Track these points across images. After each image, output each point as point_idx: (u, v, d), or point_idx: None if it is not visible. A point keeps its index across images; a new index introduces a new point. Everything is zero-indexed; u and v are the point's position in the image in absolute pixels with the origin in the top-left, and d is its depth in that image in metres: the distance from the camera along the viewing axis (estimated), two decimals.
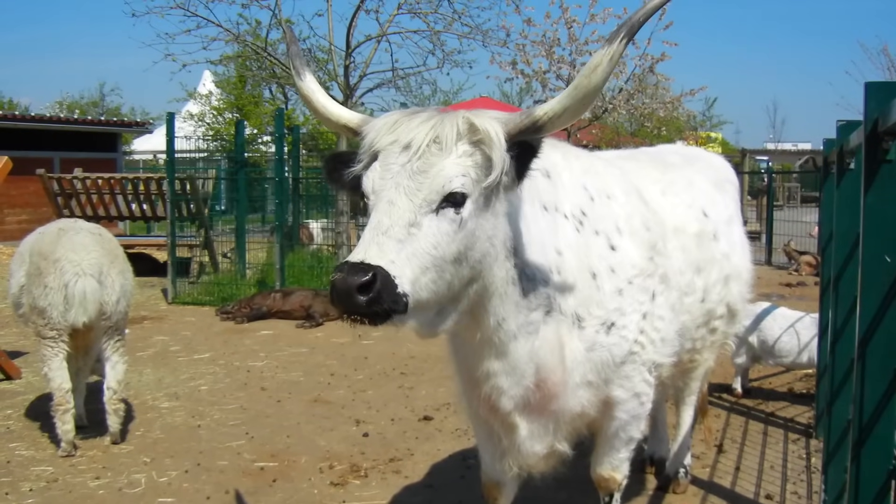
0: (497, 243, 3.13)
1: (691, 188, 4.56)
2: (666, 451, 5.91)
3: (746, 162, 33.83)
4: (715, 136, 58.48)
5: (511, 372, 3.38)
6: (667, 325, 3.79)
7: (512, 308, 3.26)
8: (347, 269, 2.74)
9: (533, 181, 3.22)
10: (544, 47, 21.03)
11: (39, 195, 17.70)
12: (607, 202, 3.65)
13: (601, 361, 3.54)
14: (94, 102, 56.34)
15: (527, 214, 3.30)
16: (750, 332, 7.92)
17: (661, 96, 23.42)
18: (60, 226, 6.86)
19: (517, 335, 3.31)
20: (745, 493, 5.69)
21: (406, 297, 2.81)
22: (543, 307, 3.36)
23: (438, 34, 20.82)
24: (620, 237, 3.61)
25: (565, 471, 3.98)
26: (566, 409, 3.57)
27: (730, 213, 4.85)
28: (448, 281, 2.97)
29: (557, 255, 3.39)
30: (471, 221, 2.96)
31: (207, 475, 6.12)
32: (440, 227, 2.90)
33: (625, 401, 3.74)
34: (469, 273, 3.05)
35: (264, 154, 31.02)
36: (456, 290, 3.05)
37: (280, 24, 20.67)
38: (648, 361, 3.72)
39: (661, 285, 3.76)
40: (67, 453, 6.48)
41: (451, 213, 2.92)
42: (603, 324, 3.50)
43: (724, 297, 4.57)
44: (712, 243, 4.46)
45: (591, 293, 3.47)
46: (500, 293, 3.21)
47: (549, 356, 3.40)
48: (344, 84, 20.09)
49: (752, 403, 7.86)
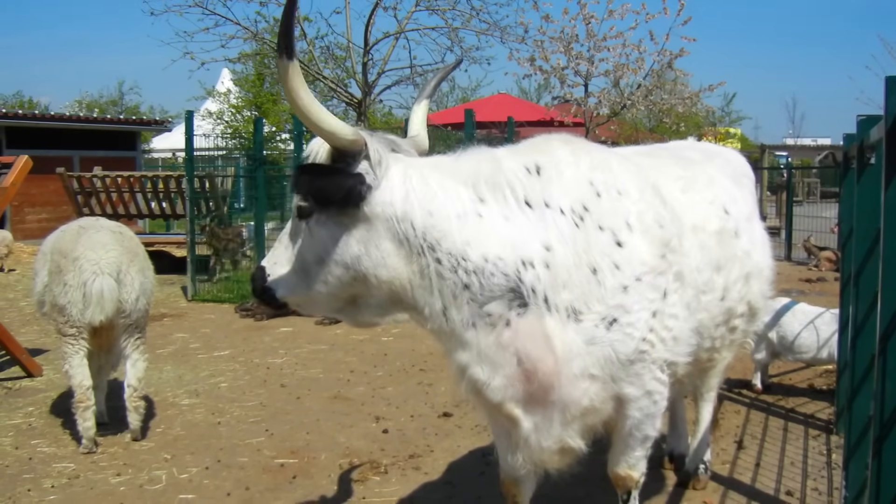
0: (378, 246, 3.42)
1: (713, 185, 4.51)
2: (685, 447, 5.90)
3: (766, 157, 33.63)
4: (734, 132, 58.23)
5: (482, 361, 3.47)
6: (680, 324, 3.74)
7: (451, 299, 3.44)
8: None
9: (506, 178, 3.49)
10: (562, 43, 20.99)
11: (59, 194, 17.81)
12: (618, 198, 3.62)
13: (603, 356, 3.51)
14: (113, 101, 56.58)
15: (467, 213, 3.42)
16: (770, 328, 7.89)
17: (680, 92, 23.32)
18: (81, 224, 6.89)
19: (473, 325, 3.44)
20: (766, 489, 5.67)
21: (272, 289, 3.64)
22: (505, 299, 3.39)
23: (456, 31, 20.82)
24: (630, 233, 3.57)
25: (583, 468, 3.97)
26: (570, 402, 3.54)
27: (750, 210, 4.78)
28: (321, 279, 3.52)
29: (545, 250, 3.40)
30: (321, 229, 3.46)
31: (228, 472, 6.15)
32: (302, 236, 3.55)
33: (637, 398, 3.69)
34: (347, 273, 3.48)
35: (283, 152, 31.08)
36: (340, 286, 3.53)
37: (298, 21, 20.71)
38: (660, 360, 3.68)
39: (676, 283, 3.71)
40: (89, 450, 6.51)
41: (303, 224, 3.52)
42: (603, 319, 3.47)
43: (745, 296, 4.50)
44: (733, 241, 4.40)
45: (591, 288, 3.45)
46: (421, 286, 3.46)
47: (531, 346, 3.41)
48: (362, 81, 20.11)
49: (772, 399, 7.83)
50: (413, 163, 3.55)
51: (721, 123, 56.01)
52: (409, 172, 3.45)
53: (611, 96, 21.52)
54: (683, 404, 5.99)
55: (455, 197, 3.44)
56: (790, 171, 23.93)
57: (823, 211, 22.70)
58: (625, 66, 21.11)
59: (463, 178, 3.51)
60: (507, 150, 3.74)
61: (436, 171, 3.52)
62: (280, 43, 3.13)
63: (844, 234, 6.63)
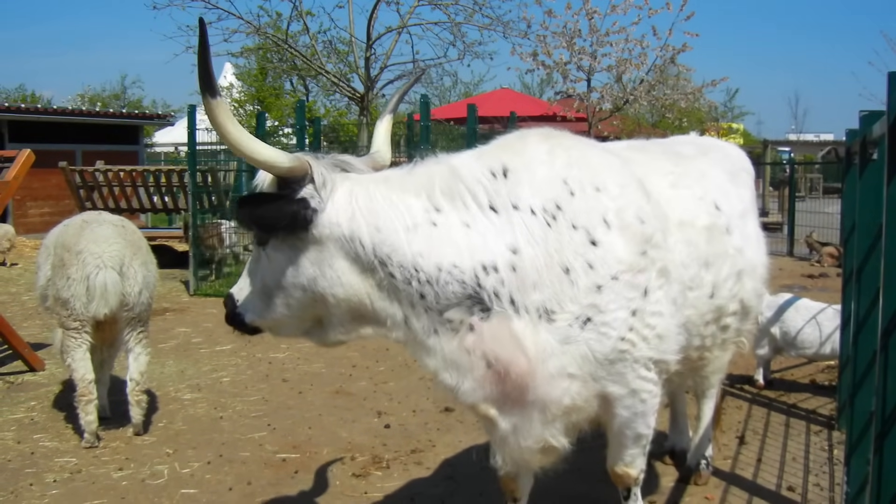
0: (332, 266, 3.45)
1: (704, 180, 4.45)
2: (686, 442, 5.91)
3: (768, 153, 33.66)
4: (736, 127, 58.18)
5: (448, 367, 3.50)
6: (665, 321, 3.67)
7: (409, 309, 3.47)
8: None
9: (466, 186, 3.48)
10: (565, 38, 21.03)
11: (62, 188, 17.83)
12: (595, 195, 3.56)
13: (580, 355, 3.47)
14: (115, 95, 56.60)
15: (418, 224, 3.41)
16: (772, 324, 7.90)
17: (683, 87, 23.38)
18: (84, 218, 6.90)
19: (435, 331, 3.46)
20: (767, 484, 5.67)
21: (241, 315, 3.76)
22: (464, 305, 3.39)
23: (459, 25, 20.86)
24: (607, 231, 3.51)
25: (586, 463, 3.98)
26: (550, 401, 3.51)
27: (745, 206, 4.72)
28: (283, 303, 3.59)
29: (511, 253, 3.38)
30: (277, 254, 3.51)
31: (230, 466, 6.15)
32: (262, 262, 3.60)
33: (622, 397, 3.66)
34: (306, 295, 3.53)
35: (285, 146, 31.08)
36: (301, 308, 3.59)
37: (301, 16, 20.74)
38: (643, 358, 3.62)
39: (660, 280, 3.65)
40: (91, 444, 6.52)
41: (261, 251, 3.59)
42: (577, 318, 3.43)
43: (737, 294, 4.44)
44: (724, 237, 4.32)
45: (564, 288, 3.41)
46: (380, 299, 3.49)
47: (498, 348, 3.40)
48: (365, 76, 20.14)
49: (774, 395, 7.83)
50: (361, 180, 3.54)
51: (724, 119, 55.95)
52: (355, 191, 3.45)
53: (613, 91, 21.55)
54: (684, 399, 5.99)
55: (403, 209, 3.43)
56: (793, 166, 23.86)
57: (826, 206, 22.70)
58: (627, 61, 21.14)
59: (414, 188, 3.50)
60: (473, 154, 3.72)
61: (383, 185, 3.51)
62: (202, 83, 3.16)
63: (847, 229, 6.62)
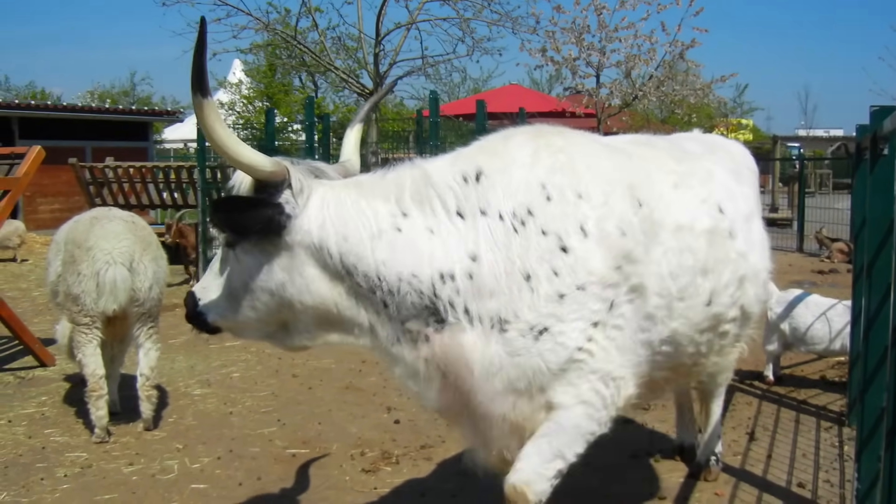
0: (302, 273, 3.42)
1: (709, 181, 4.26)
2: (693, 438, 5.90)
3: (778, 149, 33.58)
4: (746, 123, 58.07)
5: (410, 375, 3.50)
6: (624, 336, 3.53)
7: (374, 317, 3.46)
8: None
9: (436, 191, 3.44)
10: (574, 34, 21.03)
11: (71, 184, 17.84)
12: (575, 202, 3.44)
13: (532, 368, 3.36)
14: (125, 92, 56.77)
15: (383, 230, 3.38)
16: (782, 320, 7.88)
17: (692, 83, 23.34)
18: (94, 214, 6.92)
19: (398, 340, 3.45)
20: (777, 480, 5.66)
21: (203, 314, 3.68)
22: (421, 316, 3.37)
23: (468, 21, 20.85)
24: (583, 240, 3.39)
25: (597, 458, 3.96)
26: (496, 417, 3.45)
27: (750, 208, 4.59)
28: (249, 305, 3.54)
29: (470, 260, 3.32)
30: (247, 257, 3.47)
31: (240, 462, 6.17)
32: (230, 263, 3.56)
33: (568, 406, 3.47)
34: (273, 300, 3.50)
35: (294, 142, 31.08)
36: (268, 312, 3.55)
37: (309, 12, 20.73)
38: (600, 371, 3.47)
39: (630, 295, 3.52)
40: (101, 439, 6.54)
41: (230, 253, 3.54)
42: (532, 328, 3.33)
43: (738, 300, 4.26)
44: (726, 241, 4.14)
45: (522, 295, 3.32)
46: (347, 307, 3.48)
47: (449, 362, 3.38)
48: (374, 72, 20.14)
49: (784, 391, 7.81)
50: (334, 185, 3.51)
51: (733, 114, 55.82)
52: (327, 197, 3.42)
53: (622, 87, 21.54)
54: (691, 395, 5.97)
55: (371, 216, 3.40)
56: (802, 162, 23.88)
57: (836, 202, 22.61)
58: (636, 56, 21.13)
59: (384, 193, 3.46)
60: (451, 156, 3.67)
61: (355, 190, 3.48)
62: (194, 82, 3.12)
63: (857, 224, 6.61)
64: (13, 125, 24.07)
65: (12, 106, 24.79)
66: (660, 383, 4.02)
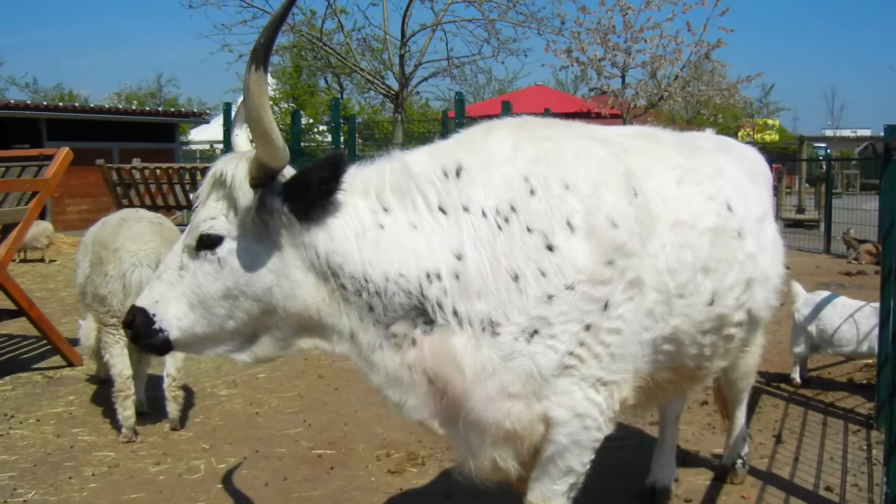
0: (289, 276, 3.27)
1: (719, 178, 4.09)
2: (670, 477, 5.48)
3: (804, 149, 33.36)
4: (772, 124, 57.81)
5: (393, 384, 3.38)
6: (622, 340, 3.41)
7: (357, 322, 3.32)
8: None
9: (416, 185, 3.35)
10: (599, 35, 20.95)
11: (99, 185, 17.99)
12: (561, 194, 3.32)
13: (524, 371, 3.26)
14: (151, 93, 57.14)
15: (366, 228, 3.27)
16: (809, 322, 7.84)
17: (718, 83, 23.21)
18: (122, 216, 6.97)
19: (380, 346, 3.33)
20: (805, 484, 5.63)
21: (164, 332, 3.31)
22: (409, 318, 3.27)
23: (493, 23, 20.87)
24: (569, 235, 3.27)
25: (621, 460, 3.95)
26: (488, 424, 3.33)
27: (763, 210, 4.39)
28: (226, 315, 3.31)
29: (456, 258, 3.23)
30: (234, 259, 3.25)
31: (266, 462, 6.19)
32: (202, 268, 3.28)
33: (565, 422, 3.38)
34: (258, 306, 3.30)
35: (320, 143, 31.22)
36: (247, 321, 3.34)
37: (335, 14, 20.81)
38: (591, 377, 3.36)
39: (629, 292, 3.40)
40: (128, 439, 6.58)
41: (208, 255, 3.27)
42: (524, 331, 3.23)
43: (745, 303, 4.06)
44: (733, 241, 3.95)
45: (511, 297, 3.22)
46: (328, 313, 3.34)
47: (438, 366, 3.27)
48: (399, 73, 20.19)
49: (811, 394, 7.77)
50: None
51: (759, 115, 55.60)
52: None
53: (648, 88, 21.45)
54: (676, 427, 5.65)
55: (352, 213, 3.29)
56: (829, 162, 23.68)
57: (863, 203, 22.46)
58: (662, 57, 21.03)
59: (363, 187, 3.35)
60: (429, 149, 3.56)
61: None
62: (260, 53, 2.96)
63: (885, 225, 6.56)
64: (41, 127, 24.26)
65: (40, 108, 24.99)
66: (662, 385, 3.88)
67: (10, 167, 9.03)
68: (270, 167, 3.16)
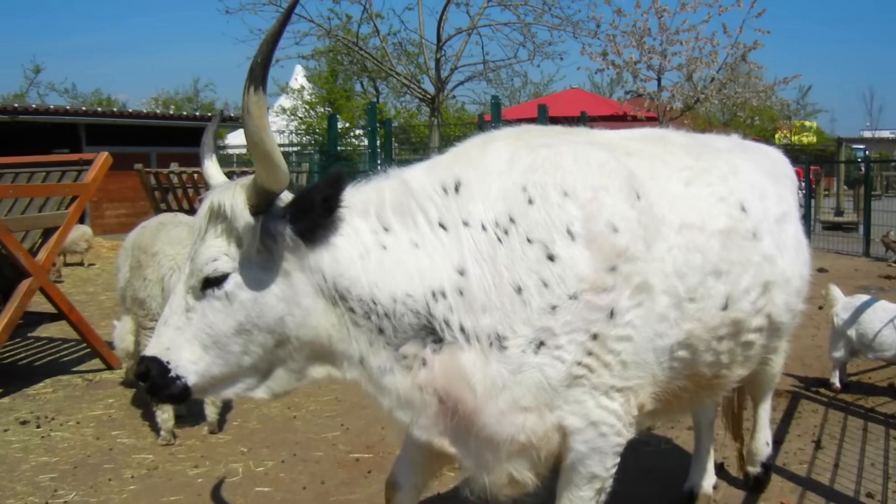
0: (300, 304, 3.21)
1: (732, 178, 4.00)
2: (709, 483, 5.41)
3: (843, 151, 33.08)
4: (809, 126, 57.32)
5: (402, 406, 3.33)
6: (635, 346, 3.36)
7: (366, 346, 3.27)
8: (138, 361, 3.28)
9: (417, 202, 3.30)
10: (635, 37, 20.91)
11: (137, 189, 18.11)
12: (560, 202, 3.29)
13: (535, 383, 3.23)
14: (188, 98, 57.60)
15: (369, 249, 3.22)
16: (848, 326, 7.76)
17: (754, 85, 23.09)
18: (161, 220, 7.04)
19: (391, 370, 3.27)
20: (845, 490, 5.57)
21: (181, 378, 3.20)
22: (419, 337, 3.23)
23: (529, 26, 20.87)
24: (570, 244, 3.24)
25: (656, 465, 3.92)
26: (502, 440, 3.30)
27: (783, 210, 4.25)
28: (241, 351, 3.23)
29: (458, 274, 3.20)
30: (243, 292, 3.16)
31: (303, 465, 6.22)
32: (211, 307, 3.19)
33: (580, 430, 3.35)
34: (272, 338, 3.23)
35: (356, 147, 31.32)
36: (263, 355, 3.26)
37: (371, 18, 20.87)
38: (604, 386, 3.32)
39: (637, 297, 3.34)
40: (167, 442, 6.63)
41: (215, 292, 3.17)
42: (530, 343, 3.20)
43: (763, 308, 3.94)
44: (747, 243, 3.85)
45: (516, 308, 3.19)
46: (338, 339, 3.28)
47: (448, 384, 3.23)
48: (435, 77, 20.22)
49: (851, 398, 7.69)
50: None
51: (796, 116, 55.14)
52: None
53: (684, 90, 21.38)
54: (712, 430, 5.51)
55: (354, 234, 3.24)
56: (868, 164, 23.46)
57: None
58: (698, 59, 20.95)
59: (362, 208, 3.31)
60: (427, 166, 3.53)
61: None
62: (258, 73, 2.89)
63: None
64: (80, 132, 24.57)
65: (79, 113, 25.33)
66: (679, 395, 3.79)
67: (51, 172, 9.13)
68: (271, 191, 3.10)
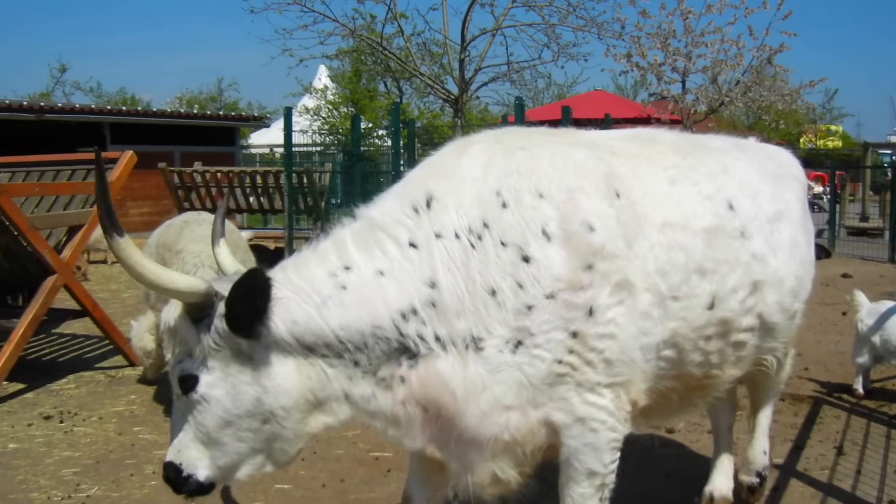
0: (269, 375, 3.24)
1: (721, 176, 3.96)
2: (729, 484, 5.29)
3: (869, 156, 32.85)
4: (835, 130, 56.96)
5: (390, 424, 3.36)
6: (619, 345, 3.34)
7: (346, 382, 3.31)
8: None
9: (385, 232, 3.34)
10: (659, 39, 20.84)
11: (161, 188, 18.22)
12: (535, 204, 3.30)
13: (515, 382, 3.24)
14: (212, 97, 57.76)
15: (329, 296, 3.25)
16: (873, 332, 7.71)
17: (780, 88, 22.99)
18: (185, 218, 7.08)
19: (374, 395, 3.31)
20: (867, 497, 5.52)
21: (193, 476, 3.36)
22: (393, 359, 3.26)
23: (553, 27, 20.84)
24: (545, 244, 3.24)
25: (678, 469, 3.90)
26: (486, 439, 3.32)
27: (778, 210, 4.17)
28: (234, 440, 3.32)
29: (429, 288, 3.23)
30: (214, 390, 3.26)
31: (323, 463, 6.23)
32: (195, 409, 3.31)
33: (567, 426, 3.37)
34: (256, 420, 3.29)
35: (379, 147, 31.35)
36: (255, 436, 3.34)
37: (395, 18, 20.90)
38: (589, 382, 3.31)
39: (618, 294, 3.33)
40: None
41: (193, 396, 3.28)
42: (507, 342, 3.22)
43: (753, 307, 3.89)
44: (734, 241, 3.81)
45: (491, 311, 3.21)
46: (320, 388, 3.31)
47: (428, 392, 3.26)
48: (459, 78, 20.22)
49: (874, 405, 7.64)
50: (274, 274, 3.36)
51: (822, 120, 54.82)
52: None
53: (708, 93, 21.29)
54: (732, 431, 5.43)
55: (307, 287, 3.27)
56: (894, 169, 23.30)
57: None
58: (723, 62, 20.86)
59: (320, 256, 3.37)
60: (399, 189, 3.56)
61: (281, 272, 3.39)
62: (104, 224, 3.07)
63: None
64: (105, 130, 24.74)
65: (104, 112, 25.54)
66: (668, 395, 3.77)
67: (76, 170, 9.19)
68: (190, 302, 3.21)
